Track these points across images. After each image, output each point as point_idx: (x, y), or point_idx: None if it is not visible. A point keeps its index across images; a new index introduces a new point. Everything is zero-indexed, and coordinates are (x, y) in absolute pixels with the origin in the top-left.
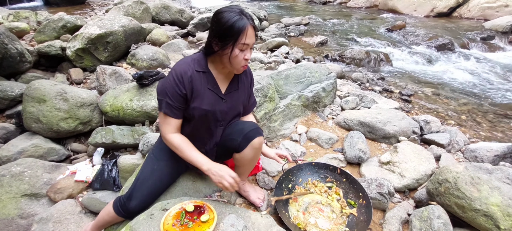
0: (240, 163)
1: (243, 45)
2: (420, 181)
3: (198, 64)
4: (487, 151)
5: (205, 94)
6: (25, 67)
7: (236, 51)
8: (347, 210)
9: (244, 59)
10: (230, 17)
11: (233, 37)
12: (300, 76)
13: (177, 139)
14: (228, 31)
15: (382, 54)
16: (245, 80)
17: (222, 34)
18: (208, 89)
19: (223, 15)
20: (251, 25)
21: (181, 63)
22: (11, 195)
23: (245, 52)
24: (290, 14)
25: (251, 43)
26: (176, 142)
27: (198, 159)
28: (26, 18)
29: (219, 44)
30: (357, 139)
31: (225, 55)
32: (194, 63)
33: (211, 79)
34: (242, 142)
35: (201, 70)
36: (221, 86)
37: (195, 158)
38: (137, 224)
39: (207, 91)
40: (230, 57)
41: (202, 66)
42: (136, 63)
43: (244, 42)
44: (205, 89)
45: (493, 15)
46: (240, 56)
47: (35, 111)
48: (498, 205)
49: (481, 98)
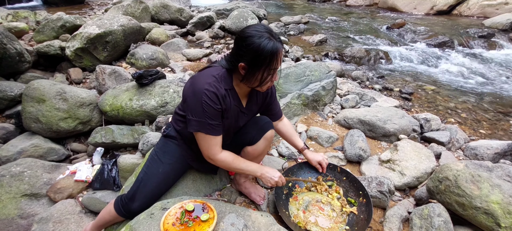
0: (250, 157)
1: (274, 70)
2: (420, 179)
3: (225, 82)
4: (487, 149)
5: (232, 111)
6: (24, 67)
7: (268, 76)
8: (347, 209)
9: (272, 81)
10: (262, 42)
11: (265, 63)
12: (300, 75)
13: (229, 157)
14: (260, 57)
15: (382, 52)
16: (262, 93)
17: (253, 59)
18: (234, 106)
19: (253, 40)
20: (281, 49)
21: (210, 81)
22: (11, 195)
23: (274, 75)
24: (289, 13)
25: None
26: (229, 160)
27: (252, 168)
28: (25, 18)
29: (248, 69)
30: (357, 137)
31: (254, 78)
32: (222, 81)
33: (235, 96)
34: (256, 134)
35: (228, 88)
36: (243, 101)
37: (249, 167)
38: (137, 223)
39: (233, 107)
40: (262, 80)
41: (229, 84)
42: (136, 62)
43: (276, 67)
44: (232, 106)
45: (493, 12)
46: (268, 79)
47: (34, 111)
48: (499, 202)
49: (481, 96)
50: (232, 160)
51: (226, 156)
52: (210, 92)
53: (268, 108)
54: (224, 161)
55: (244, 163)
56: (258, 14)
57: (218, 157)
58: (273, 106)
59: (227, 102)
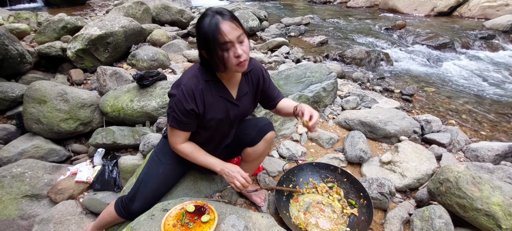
0: (250, 158)
1: (225, 45)
2: (421, 181)
3: (204, 73)
4: (488, 151)
5: (218, 103)
6: (25, 68)
7: (224, 54)
8: (348, 210)
9: (235, 57)
10: (204, 22)
11: (213, 41)
12: (301, 76)
13: (187, 148)
14: (206, 37)
15: (382, 54)
16: (253, 80)
17: (203, 42)
18: (220, 97)
19: (199, 23)
20: (224, 20)
21: (190, 76)
22: (12, 196)
23: (233, 49)
24: (290, 14)
25: (233, 38)
26: (187, 151)
27: (211, 162)
28: (27, 19)
29: (206, 53)
30: (358, 139)
31: (215, 62)
32: (201, 73)
33: (221, 86)
34: (256, 136)
35: (210, 79)
36: (232, 91)
37: (208, 161)
38: (138, 224)
39: (219, 100)
40: (222, 61)
41: (210, 76)
42: (137, 63)
43: (223, 42)
44: (217, 98)
45: (494, 14)
46: (230, 56)
47: (35, 112)
48: (500, 204)
49: (482, 97)
50: (191, 152)
51: (186, 147)
52: (187, 89)
53: (266, 94)
54: (183, 152)
55: (204, 156)
56: (259, 15)
57: (178, 146)
58: (270, 91)
59: (208, 96)
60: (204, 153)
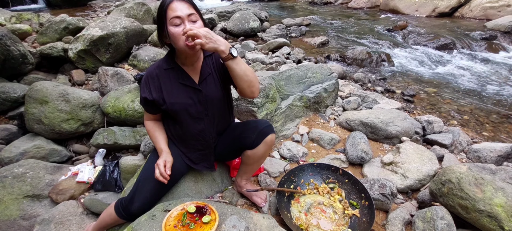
0: (250, 160)
1: (174, 19)
2: (423, 182)
3: (165, 62)
4: (490, 151)
5: (178, 90)
6: (27, 69)
7: (171, 29)
8: (349, 211)
9: (184, 35)
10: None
11: (163, 17)
12: (302, 77)
13: (149, 125)
14: (160, 13)
15: (383, 54)
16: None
17: (158, 20)
18: (181, 84)
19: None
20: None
21: (153, 66)
22: (13, 196)
23: (181, 26)
24: (291, 15)
25: (183, 14)
26: (148, 128)
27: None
28: (28, 20)
29: (161, 33)
30: (359, 140)
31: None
32: (162, 62)
33: (181, 73)
34: (256, 138)
35: (169, 67)
36: (194, 77)
37: (157, 146)
38: (139, 225)
39: (180, 86)
40: (171, 39)
41: (170, 63)
42: (138, 64)
43: (173, 16)
44: (177, 85)
45: (495, 15)
46: (177, 33)
47: (37, 113)
48: (502, 205)
49: (483, 98)
50: (149, 130)
51: (148, 124)
52: (145, 77)
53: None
54: (146, 128)
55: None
56: (260, 16)
57: (145, 122)
58: None
59: (166, 82)
60: (159, 138)
